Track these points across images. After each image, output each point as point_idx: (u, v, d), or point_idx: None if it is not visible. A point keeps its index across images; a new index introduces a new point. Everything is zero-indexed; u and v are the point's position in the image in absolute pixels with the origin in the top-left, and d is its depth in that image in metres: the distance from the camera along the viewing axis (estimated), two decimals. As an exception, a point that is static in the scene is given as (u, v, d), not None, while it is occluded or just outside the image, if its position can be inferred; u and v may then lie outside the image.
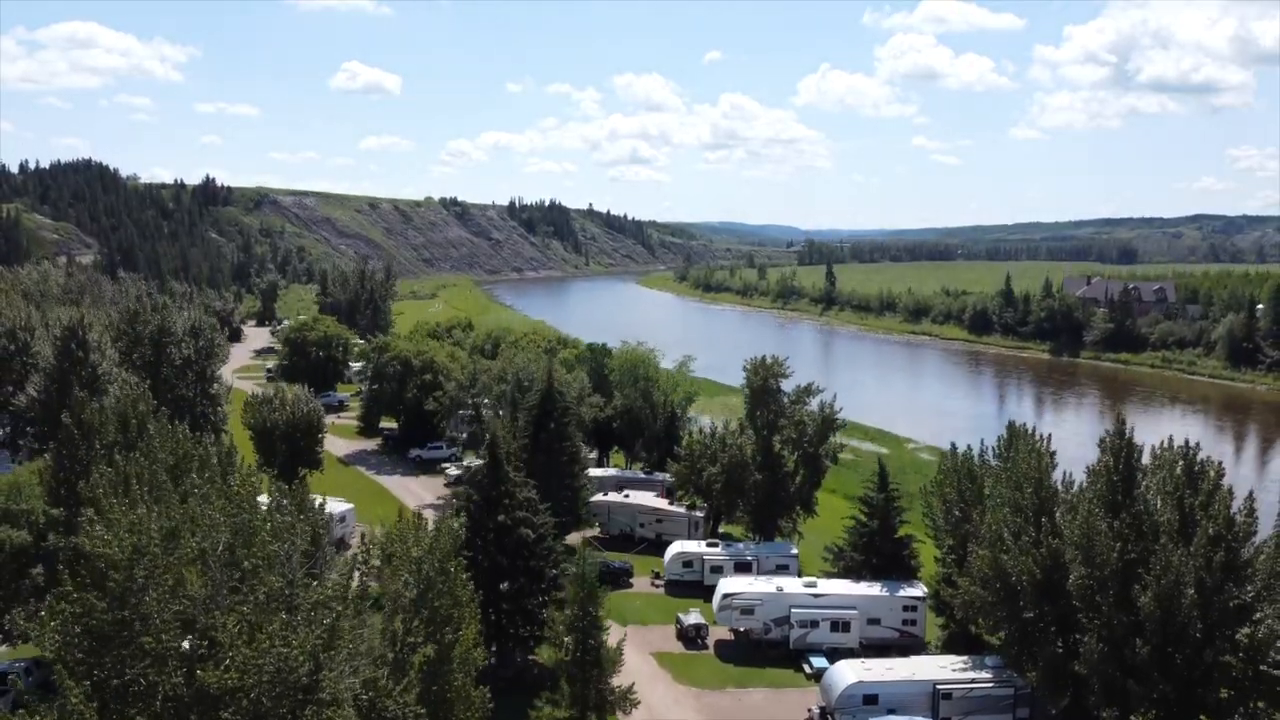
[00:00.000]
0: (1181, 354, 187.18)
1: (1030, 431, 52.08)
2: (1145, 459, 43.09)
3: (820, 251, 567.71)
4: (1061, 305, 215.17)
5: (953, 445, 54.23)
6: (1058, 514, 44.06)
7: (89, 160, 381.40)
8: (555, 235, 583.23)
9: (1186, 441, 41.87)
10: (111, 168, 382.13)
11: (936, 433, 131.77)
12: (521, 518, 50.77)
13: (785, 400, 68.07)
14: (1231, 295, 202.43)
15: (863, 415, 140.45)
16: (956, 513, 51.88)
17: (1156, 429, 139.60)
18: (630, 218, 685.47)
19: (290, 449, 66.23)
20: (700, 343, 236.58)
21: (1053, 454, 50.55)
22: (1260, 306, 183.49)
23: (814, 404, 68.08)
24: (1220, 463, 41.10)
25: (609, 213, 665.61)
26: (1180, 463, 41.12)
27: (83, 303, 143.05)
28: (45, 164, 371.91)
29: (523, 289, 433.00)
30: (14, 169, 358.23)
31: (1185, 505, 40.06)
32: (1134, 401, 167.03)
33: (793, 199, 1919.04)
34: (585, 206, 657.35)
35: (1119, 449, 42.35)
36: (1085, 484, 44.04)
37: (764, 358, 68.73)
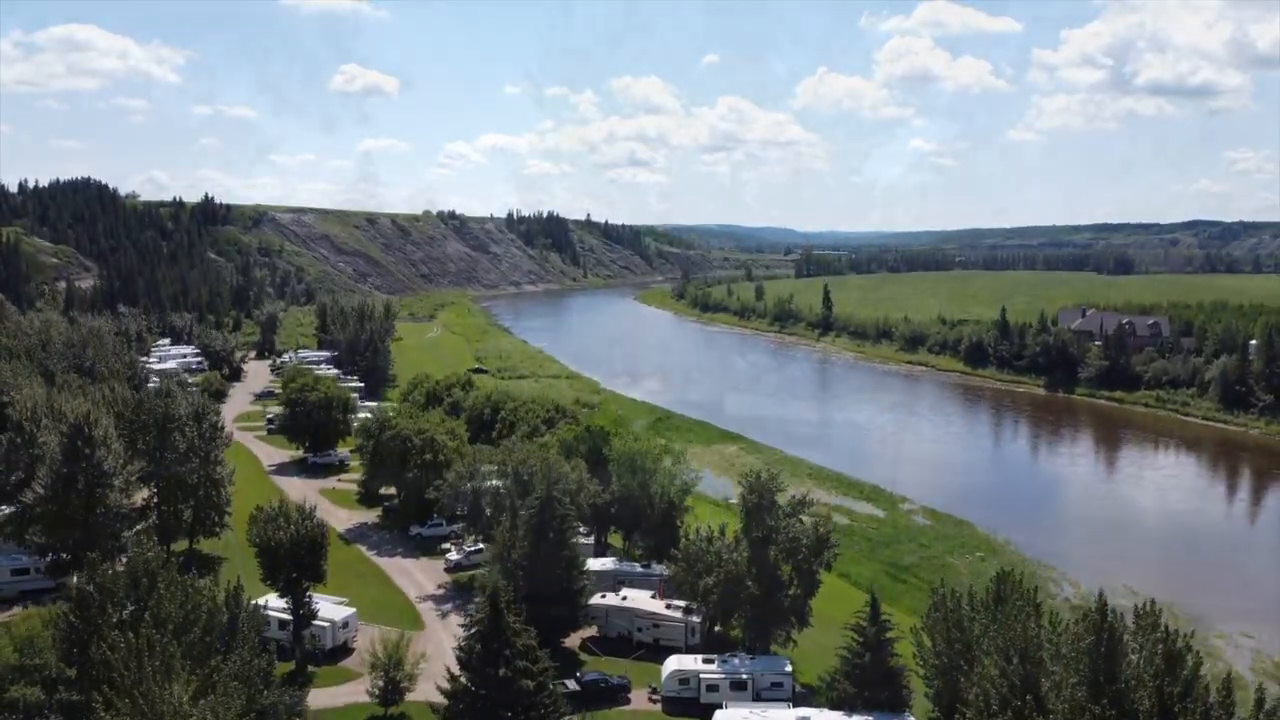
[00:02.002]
0: (1175, 394, 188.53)
1: (1019, 580, 53.55)
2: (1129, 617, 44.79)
3: (817, 263, 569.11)
4: (1057, 340, 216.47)
5: (941, 592, 55.53)
6: (1044, 686, 45.34)
7: (88, 179, 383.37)
8: (553, 247, 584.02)
9: (1167, 627, 43.26)
10: (111, 186, 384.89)
11: (932, 489, 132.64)
12: (522, 668, 52.20)
13: (780, 514, 69.36)
14: (1225, 331, 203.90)
15: (858, 467, 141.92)
16: (945, 659, 53.23)
17: (1141, 478, 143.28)
18: (628, 226, 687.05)
19: (295, 564, 67.40)
20: (698, 375, 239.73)
21: (1038, 606, 52.14)
22: (1254, 342, 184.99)
23: (808, 519, 69.43)
24: (1198, 651, 42.48)
25: (606, 223, 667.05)
26: (1160, 647, 42.51)
27: (85, 357, 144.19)
28: (44, 177, 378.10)
29: (521, 305, 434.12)
30: (13, 187, 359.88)
31: (1165, 693, 41.42)
32: (1127, 444, 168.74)
33: (790, 201, 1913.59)
34: (583, 217, 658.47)
35: (1102, 629, 43.66)
36: (1069, 656, 45.28)
37: (759, 475, 70.05)
